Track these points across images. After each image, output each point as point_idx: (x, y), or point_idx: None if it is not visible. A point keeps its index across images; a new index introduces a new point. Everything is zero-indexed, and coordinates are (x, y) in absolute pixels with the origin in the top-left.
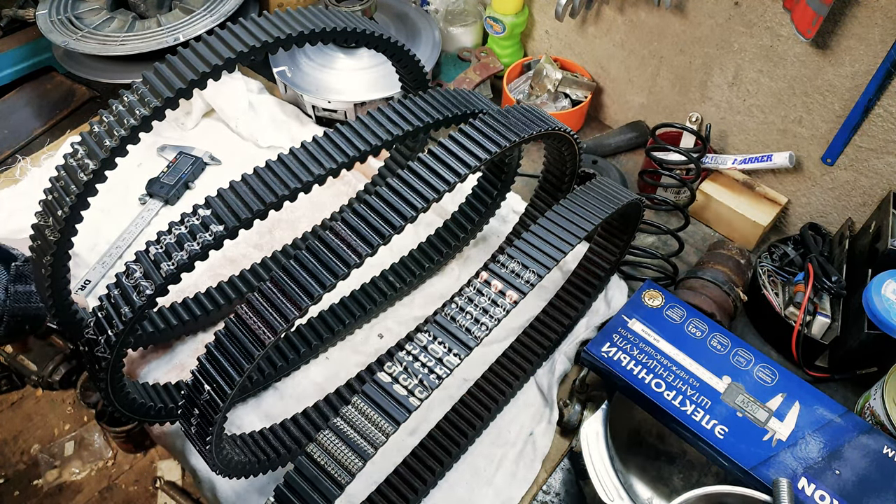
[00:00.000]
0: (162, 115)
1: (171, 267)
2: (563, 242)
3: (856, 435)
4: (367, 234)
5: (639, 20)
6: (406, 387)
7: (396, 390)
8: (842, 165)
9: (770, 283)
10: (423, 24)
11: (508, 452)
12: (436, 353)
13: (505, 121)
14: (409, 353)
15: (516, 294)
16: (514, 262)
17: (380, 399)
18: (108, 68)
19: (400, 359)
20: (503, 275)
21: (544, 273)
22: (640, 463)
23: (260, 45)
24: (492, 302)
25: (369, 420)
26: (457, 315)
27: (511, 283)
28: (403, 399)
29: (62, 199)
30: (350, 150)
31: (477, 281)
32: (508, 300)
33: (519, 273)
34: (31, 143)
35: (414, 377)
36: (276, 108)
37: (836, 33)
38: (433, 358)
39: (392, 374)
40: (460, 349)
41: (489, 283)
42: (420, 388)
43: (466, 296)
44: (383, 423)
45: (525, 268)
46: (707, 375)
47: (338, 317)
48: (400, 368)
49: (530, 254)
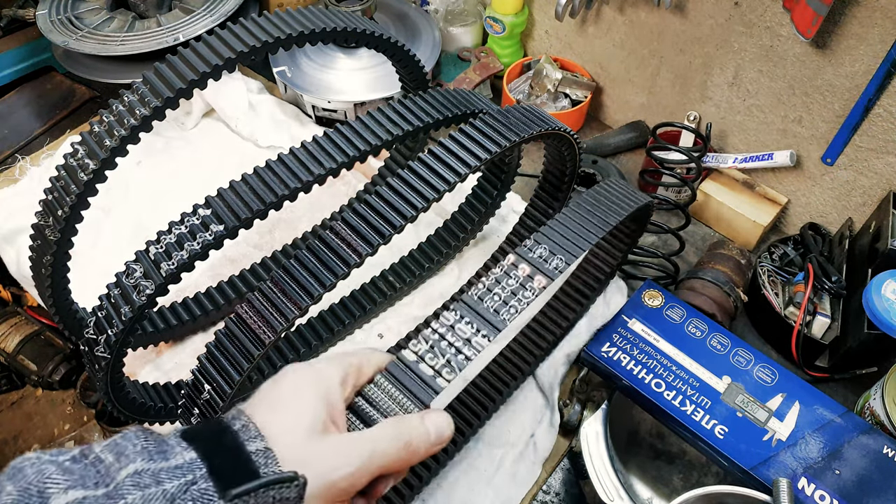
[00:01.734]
0: (162, 114)
1: (171, 266)
2: (590, 233)
3: (856, 435)
4: (368, 234)
5: (639, 20)
6: (433, 367)
7: (423, 370)
8: (842, 165)
9: (770, 283)
10: (423, 23)
11: (509, 453)
12: (463, 333)
13: (505, 120)
14: (435, 331)
15: (544, 279)
16: (541, 247)
17: (404, 378)
18: (108, 68)
19: (426, 337)
20: (531, 259)
21: (571, 262)
22: (640, 463)
23: (260, 45)
24: (520, 285)
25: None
26: (484, 296)
27: (539, 268)
28: (430, 379)
29: (62, 198)
30: (350, 150)
31: (505, 263)
32: (537, 284)
33: (546, 259)
34: (30, 143)
35: (441, 357)
36: (276, 108)
37: (835, 33)
38: (461, 338)
39: (418, 353)
40: (489, 330)
41: (517, 266)
42: (447, 368)
43: (494, 277)
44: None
45: (552, 254)
46: (707, 375)
47: (337, 317)
48: (426, 347)
49: (557, 241)
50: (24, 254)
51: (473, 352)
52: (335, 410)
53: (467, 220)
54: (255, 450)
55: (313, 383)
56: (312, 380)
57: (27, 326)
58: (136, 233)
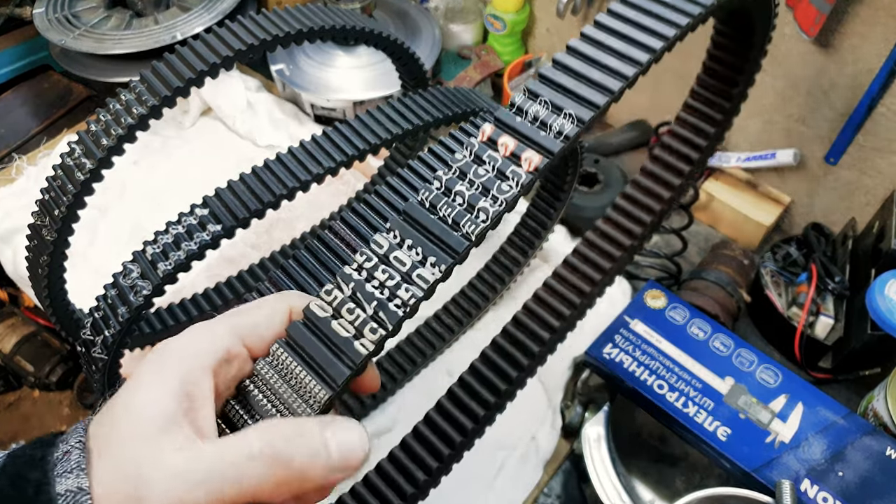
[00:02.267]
0: (159, 113)
1: (168, 267)
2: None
3: (859, 436)
4: (367, 234)
5: None
6: (352, 322)
7: (336, 329)
8: (845, 165)
9: (773, 284)
10: (423, 21)
11: (510, 456)
12: (402, 265)
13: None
14: (360, 267)
15: (538, 156)
16: (538, 102)
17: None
18: (106, 67)
19: (346, 277)
20: (518, 126)
21: (589, 116)
22: (642, 465)
23: (258, 44)
24: (498, 172)
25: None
26: (438, 200)
27: (531, 139)
28: (345, 343)
29: (59, 198)
30: (349, 149)
31: (475, 140)
32: (525, 167)
33: (545, 120)
34: (27, 142)
35: (365, 306)
36: (275, 107)
37: (839, 32)
38: (398, 272)
39: (332, 304)
40: (441, 255)
41: (494, 142)
42: (373, 323)
43: (456, 167)
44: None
45: (557, 110)
46: (710, 377)
47: None
48: (345, 294)
49: (566, 85)
50: (21, 254)
51: (415, 291)
52: (195, 405)
53: None
54: (64, 491)
55: (163, 371)
56: (164, 366)
57: (24, 327)
58: (133, 233)
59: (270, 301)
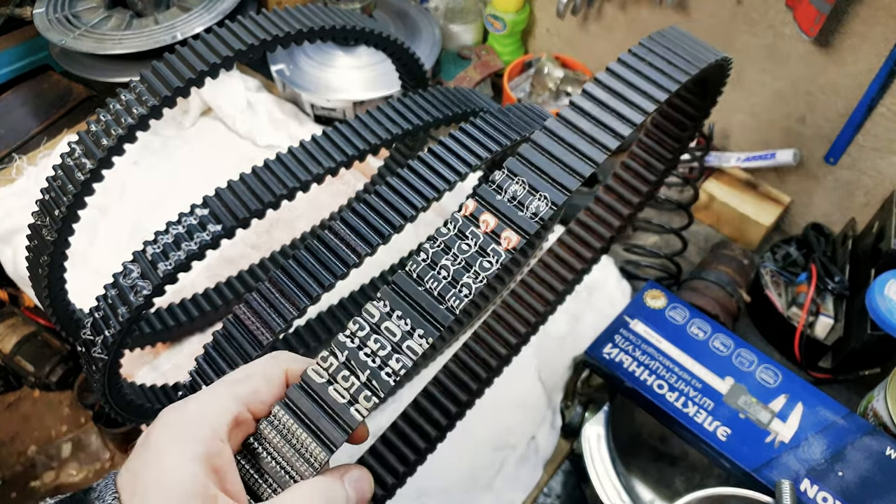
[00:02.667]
0: (160, 113)
1: (168, 267)
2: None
3: (859, 436)
4: (367, 234)
5: (641, 18)
6: (347, 389)
7: (332, 395)
8: (845, 165)
9: (773, 284)
10: (423, 21)
11: (510, 456)
12: (392, 335)
13: (506, 119)
14: (353, 335)
15: (516, 236)
16: (516, 181)
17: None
18: (106, 67)
19: (340, 345)
20: (497, 204)
21: (562, 200)
22: (642, 465)
23: (258, 44)
24: (479, 249)
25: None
26: (424, 274)
27: (509, 218)
28: (342, 409)
29: (59, 198)
30: (349, 149)
31: (459, 216)
32: (504, 245)
33: (522, 201)
34: (27, 142)
35: (359, 374)
36: (275, 107)
37: (839, 32)
38: (389, 342)
39: (328, 371)
40: (428, 328)
41: (476, 219)
42: (367, 391)
43: (442, 241)
44: (313, 445)
45: (533, 191)
46: (709, 377)
47: (336, 318)
48: (339, 361)
49: (542, 167)
50: (21, 254)
51: (406, 361)
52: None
53: None
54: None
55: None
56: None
57: (24, 327)
58: (133, 233)
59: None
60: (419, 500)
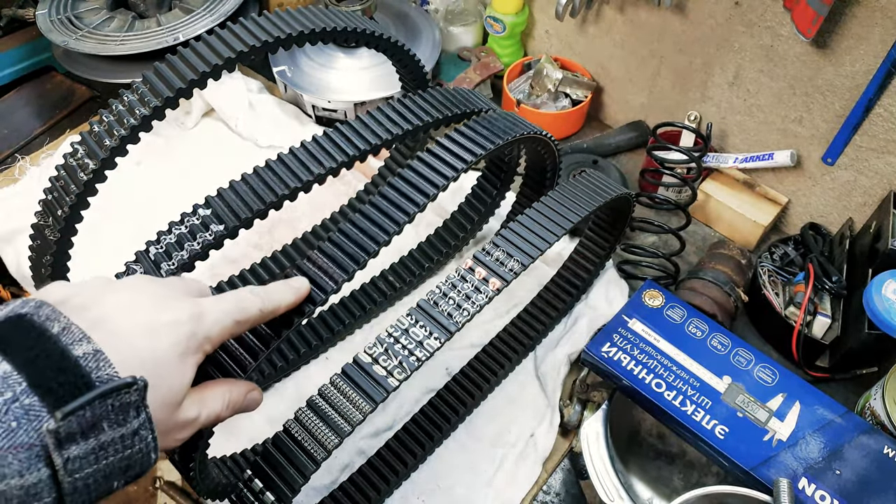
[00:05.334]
0: (162, 114)
1: (171, 266)
2: (549, 233)
3: (856, 435)
4: (365, 242)
5: (639, 20)
6: (385, 367)
7: (376, 371)
8: (842, 165)
9: (770, 283)
10: (424, 23)
11: (509, 453)
12: (416, 336)
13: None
14: (390, 335)
15: (499, 282)
16: (500, 250)
17: (359, 378)
18: (108, 68)
19: (381, 340)
20: (487, 262)
21: (528, 262)
22: (641, 463)
23: (260, 45)
24: (475, 288)
25: (347, 398)
26: (439, 300)
27: (494, 271)
28: (382, 379)
29: (62, 198)
30: (350, 150)
31: (462, 268)
32: (491, 287)
33: (503, 262)
34: (30, 143)
35: (394, 358)
36: (276, 108)
37: (836, 33)
38: (414, 341)
39: (372, 355)
40: (440, 333)
41: (473, 270)
42: (399, 369)
43: (451, 282)
44: (361, 401)
45: (510, 256)
46: (707, 375)
47: (338, 317)
48: (381, 350)
49: (515, 243)
50: (24, 254)
51: (425, 353)
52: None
53: (467, 219)
54: (83, 353)
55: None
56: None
57: None
58: (136, 233)
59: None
60: (419, 498)
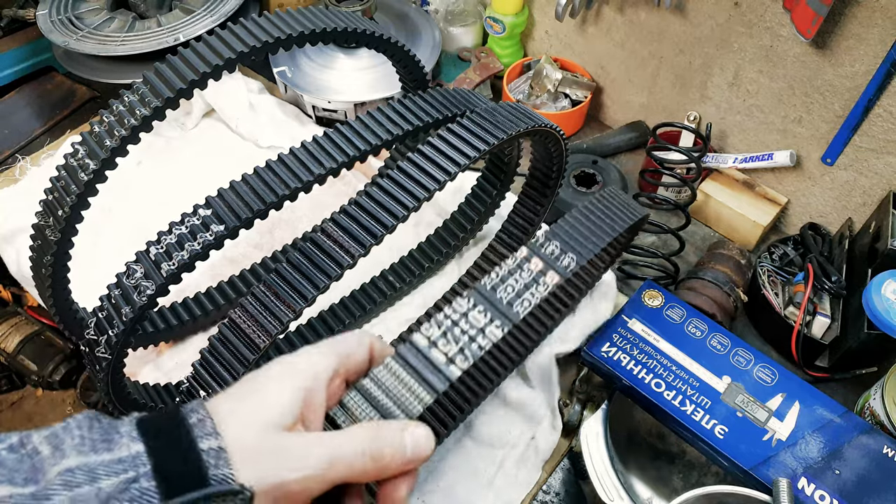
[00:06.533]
0: (162, 115)
1: (171, 267)
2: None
3: (856, 435)
4: (360, 235)
5: (639, 20)
6: (446, 353)
7: (435, 356)
8: (842, 165)
9: (770, 283)
10: (423, 24)
11: (510, 454)
12: (477, 322)
13: (493, 119)
14: (448, 317)
15: (556, 277)
16: (552, 244)
17: (417, 363)
18: (109, 68)
19: (439, 322)
20: (543, 255)
21: (582, 262)
22: (640, 463)
23: (260, 46)
24: (532, 279)
25: (404, 384)
26: (497, 286)
27: (551, 265)
28: (443, 366)
29: (62, 199)
30: (350, 150)
31: (518, 255)
32: (549, 280)
33: (557, 256)
34: (31, 143)
35: (454, 343)
36: (277, 109)
37: (835, 33)
38: (474, 326)
39: (430, 338)
40: (503, 321)
41: (529, 260)
42: (461, 356)
43: (507, 268)
44: (419, 389)
45: (563, 252)
46: (707, 375)
47: (338, 317)
48: (439, 332)
49: (568, 240)
50: (25, 254)
51: (487, 341)
52: (312, 406)
53: (467, 219)
54: (208, 448)
55: (297, 374)
56: (297, 369)
57: (27, 326)
58: (136, 233)
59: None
60: (420, 499)
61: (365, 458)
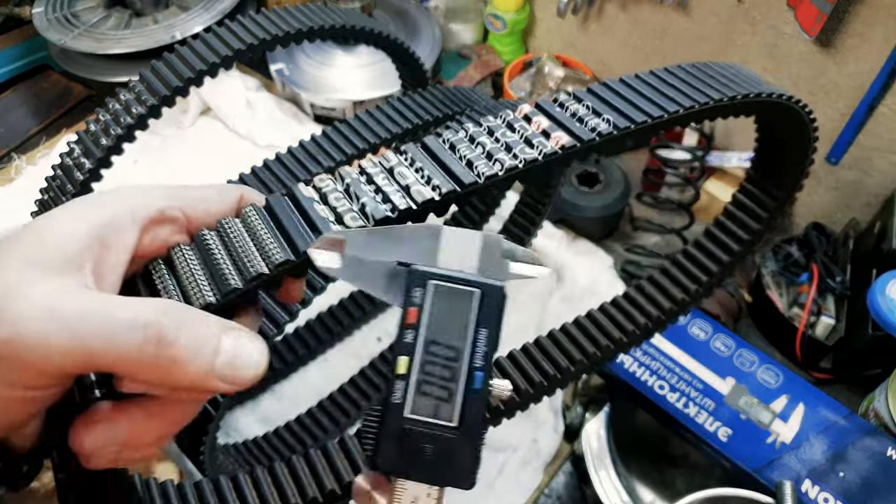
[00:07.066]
0: (159, 113)
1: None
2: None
3: (860, 437)
4: None
5: (641, 17)
6: (335, 209)
7: (316, 210)
8: (846, 165)
9: (774, 284)
10: (423, 21)
11: (511, 458)
12: (403, 179)
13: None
14: (363, 171)
15: (567, 138)
16: (582, 104)
17: (285, 216)
18: (105, 66)
19: (344, 174)
20: (555, 114)
21: (624, 125)
22: (643, 466)
23: (258, 43)
24: (524, 140)
25: (256, 240)
26: (459, 143)
27: (563, 124)
28: (321, 222)
29: (58, 198)
30: (348, 149)
31: (510, 112)
32: (553, 143)
33: (583, 117)
34: (26, 142)
35: (353, 200)
36: (274, 107)
37: (840, 31)
38: (396, 184)
39: (321, 190)
40: (445, 182)
41: (529, 119)
42: (354, 214)
43: (486, 126)
44: (273, 247)
45: (596, 114)
46: (710, 377)
47: (336, 319)
48: (337, 186)
49: (609, 100)
50: None
51: (408, 203)
52: (107, 253)
53: (467, 219)
54: None
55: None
56: (99, 201)
57: None
58: None
59: (224, 185)
60: None
61: (140, 335)
